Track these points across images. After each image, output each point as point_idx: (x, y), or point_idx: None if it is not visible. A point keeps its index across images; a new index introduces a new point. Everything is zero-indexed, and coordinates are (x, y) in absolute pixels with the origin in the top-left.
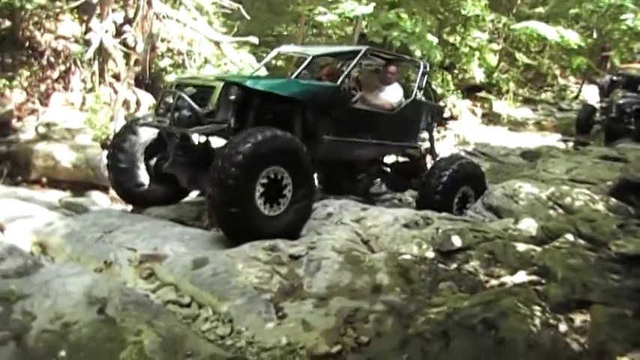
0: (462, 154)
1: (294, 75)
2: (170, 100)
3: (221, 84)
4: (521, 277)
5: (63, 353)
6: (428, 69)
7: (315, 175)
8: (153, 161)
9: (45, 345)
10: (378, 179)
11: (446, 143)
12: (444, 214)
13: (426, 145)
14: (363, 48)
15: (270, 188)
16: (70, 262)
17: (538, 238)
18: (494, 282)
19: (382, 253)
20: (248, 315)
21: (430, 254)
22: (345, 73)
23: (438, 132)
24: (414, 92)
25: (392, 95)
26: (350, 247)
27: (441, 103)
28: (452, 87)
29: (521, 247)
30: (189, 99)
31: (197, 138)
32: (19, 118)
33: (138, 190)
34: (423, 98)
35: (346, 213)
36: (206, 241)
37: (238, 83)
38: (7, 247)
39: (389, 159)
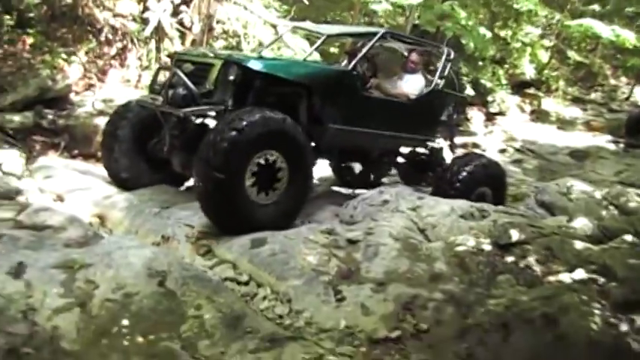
0: (510, 150)
1: (306, 56)
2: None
3: (220, 62)
4: (580, 274)
5: (125, 322)
6: (452, 56)
7: (328, 163)
8: (150, 144)
9: (108, 313)
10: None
11: (494, 139)
12: (500, 207)
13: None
14: (381, 30)
15: (262, 174)
16: (129, 235)
17: (594, 237)
18: (552, 278)
19: (439, 242)
20: (306, 296)
21: (487, 247)
22: (359, 56)
23: (486, 127)
24: (434, 81)
25: (411, 85)
26: (406, 234)
27: (491, 98)
28: (503, 82)
29: (579, 244)
30: (184, 76)
31: (194, 119)
32: (77, 93)
33: (132, 175)
34: (444, 88)
35: (402, 201)
36: None
37: (238, 62)
38: (68, 217)
39: (405, 150)
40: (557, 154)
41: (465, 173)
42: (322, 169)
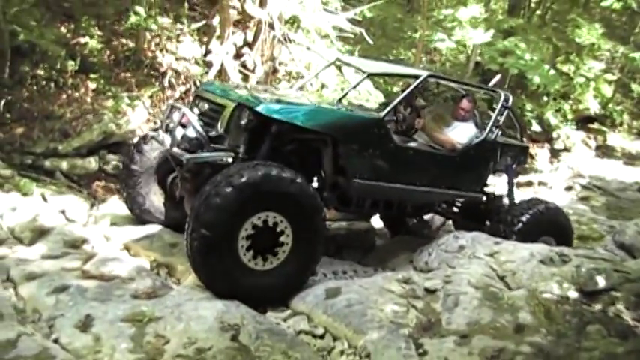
0: (577, 187)
1: (341, 97)
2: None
3: (232, 104)
4: None
5: None
6: (510, 102)
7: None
8: (168, 181)
9: None
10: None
11: (559, 176)
12: (580, 251)
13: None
14: (424, 72)
15: (260, 237)
16: (199, 286)
17: None
18: None
19: (521, 290)
20: (387, 350)
21: (573, 294)
22: (395, 102)
23: (551, 163)
24: (487, 130)
25: (459, 134)
26: (486, 282)
27: (555, 134)
28: (569, 118)
29: None
30: (193, 118)
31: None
32: None
33: (153, 211)
34: (500, 137)
35: (479, 246)
36: (332, 268)
37: (249, 106)
38: (136, 267)
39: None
40: (626, 191)
41: (522, 222)
42: None
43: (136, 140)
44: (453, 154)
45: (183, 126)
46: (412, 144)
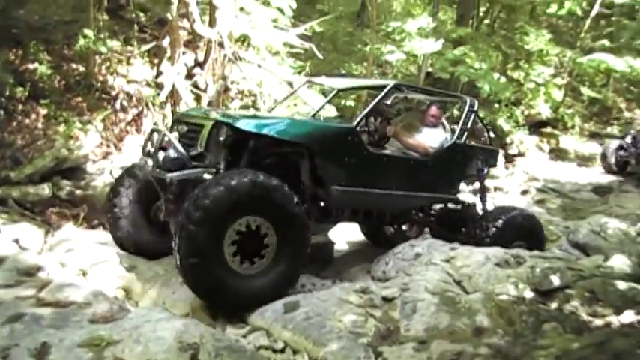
0: (532, 191)
1: (315, 112)
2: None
3: (210, 123)
4: (629, 316)
5: None
6: (476, 107)
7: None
8: (153, 208)
9: None
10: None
11: (515, 180)
12: (535, 252)
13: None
14: (391, 82)
15: (246, 241)
16: (157, 307)
17: (636, 276)
18: (599, 322)
19: (478, 293)
20: None
21: (528, 294)
22: (365, 111)
23: (506, 169)
24: (456, 135)
25: (431, 139)
26: (443, 287)
27: (509, 140)
28: (521, 123)
29: (621, 284)
30: (173, 139)
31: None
32: (94, 162)
33: (139, 241)
34: (468, 141)
35: (435, 253)
36: None
37: (227, 123)
38: (93, 292)
39: (436, 207)
40: (580, 192)
41: (495, 228)
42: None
43: (126, 167)
44: (426, 159)
45: (164, 149)
46: (386, 151)
